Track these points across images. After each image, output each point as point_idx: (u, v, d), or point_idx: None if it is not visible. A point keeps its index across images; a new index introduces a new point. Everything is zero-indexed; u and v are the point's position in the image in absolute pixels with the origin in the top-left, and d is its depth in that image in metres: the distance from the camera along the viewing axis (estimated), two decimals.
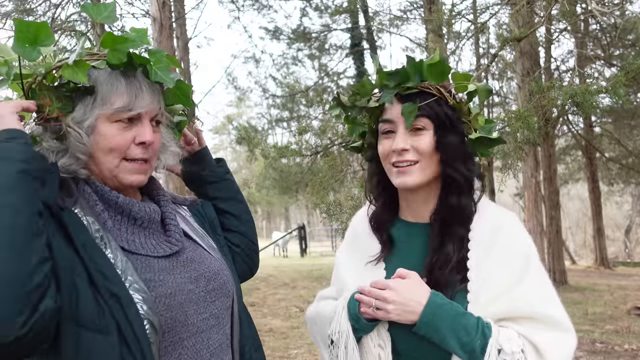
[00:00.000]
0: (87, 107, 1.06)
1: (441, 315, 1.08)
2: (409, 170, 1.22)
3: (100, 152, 1.08)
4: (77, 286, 0.93)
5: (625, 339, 6.08)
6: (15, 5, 8.95)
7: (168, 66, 1.11)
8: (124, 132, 1.08)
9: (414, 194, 1.28)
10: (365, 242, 1.34)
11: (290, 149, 6.27)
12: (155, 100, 1.12)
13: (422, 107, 1.20)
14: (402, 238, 1.30)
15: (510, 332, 1.09)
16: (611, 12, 6.37)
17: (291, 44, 13.50)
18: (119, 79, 1.07)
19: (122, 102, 1.06)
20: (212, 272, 1.17)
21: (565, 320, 1.13)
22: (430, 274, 1.18)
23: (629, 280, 12.44)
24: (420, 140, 1.21)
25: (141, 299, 0.96)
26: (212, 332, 1.12)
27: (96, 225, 1.02)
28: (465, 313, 1.10)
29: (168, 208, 1.21)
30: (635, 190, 20.54)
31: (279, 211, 41.82)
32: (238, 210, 1.47)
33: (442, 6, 6.62)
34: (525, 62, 9.22)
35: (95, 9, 1.09)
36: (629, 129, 14.42)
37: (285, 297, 9.58)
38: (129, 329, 0.93)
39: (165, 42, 7.03)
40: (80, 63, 1.03)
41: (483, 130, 1.23)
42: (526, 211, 10.47)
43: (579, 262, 18.74)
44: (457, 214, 1.21)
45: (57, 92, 1.05)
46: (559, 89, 4.70)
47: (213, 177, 1.46)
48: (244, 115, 26.00)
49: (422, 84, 1.22)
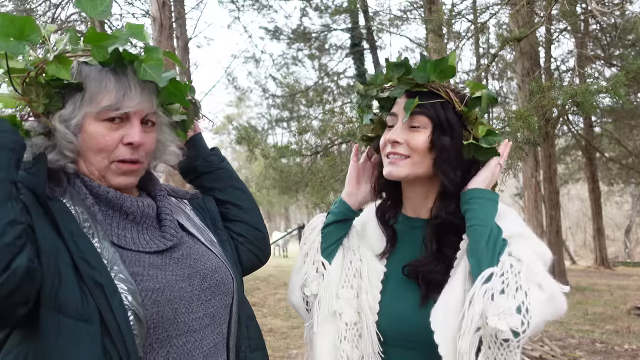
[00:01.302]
0: (76, 104, 1.04)
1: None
2: (399, 162, 1.23)
3: (89, 152, 1.06)
4: (61, 272, 0.92)
5: (625, 339, 6.08)
6: (15, 5, 8.95)
7: (160, 64, 1.06)
8: (112, 131, 1.05)
9: (412, 188, 1.29)
10: (372, 237, 1.35)
11: (290, 149, 6.27)
12: (146, 100, 1.07)
13: (426, 106, 1.20)
14: (404, 232, 1.31)
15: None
16: (611, 12, 6.37)
17: (291, 44, 13.51)
18: (109, 76, 1.04)
19: (109, 101, 1.03)
20: (209, 269, 1.14)
21: (557, 291, 1.10)
22: (424, 275, 1.19)
23: (629, 280, 12.44)
24: (415, 137, 1.21)
25: (126, 289, 0.94)
26: (207, 331, 1.08)
27: (85, 215, 1.00)
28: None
29: (164, 202, 1.19)
30: (635, 190, 20.54)
31: (279, 211, 41.81)
32: (237, 198, 1.42)
33: (442, 6, 6.61)
34: (525, 62, 9.22)
35: (90, 4, 1.06)
36: (629, 129, 14.42)
37: (285, 297, 9.57)
38: (112, 319, 0.91)
39: (165, 42, 7.04)
40: (63, 59, 1.00)
41: (485, 141, 1.22)
42: (526, 211, 10.47)
43: (579, 262, 18.75)
44: (453, 223, 1.21)
45: (48, 88, 1.02)
46: (559, 89, 4.70)
47: (207, 166, 1.41)
48: (244, 115, 26.02)
49: (433, 84, 1.23)
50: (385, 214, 1.34)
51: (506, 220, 1.17)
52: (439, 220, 1.22)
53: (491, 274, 1.05)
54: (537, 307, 1.02)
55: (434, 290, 1.16)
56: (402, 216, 1.34)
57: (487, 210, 1.15)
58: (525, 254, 1.09)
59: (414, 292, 1.20)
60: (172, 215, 1.18)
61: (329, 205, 5.10)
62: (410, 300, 1.19)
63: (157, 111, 1.12)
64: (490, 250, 1.08)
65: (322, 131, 6.40)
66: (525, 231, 1.18)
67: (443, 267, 1.17)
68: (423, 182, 1.26)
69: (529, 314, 1.01)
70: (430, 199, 1.27)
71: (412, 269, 1.21)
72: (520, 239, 1.14)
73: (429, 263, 1.19)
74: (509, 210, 1.25)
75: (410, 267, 1.22)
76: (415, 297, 1.20)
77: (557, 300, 1.08)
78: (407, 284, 1.22)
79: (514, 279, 1.04)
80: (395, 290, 1.24)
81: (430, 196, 1.27)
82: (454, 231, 1.20)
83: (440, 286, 1.14)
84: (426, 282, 1.18)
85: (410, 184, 1.28)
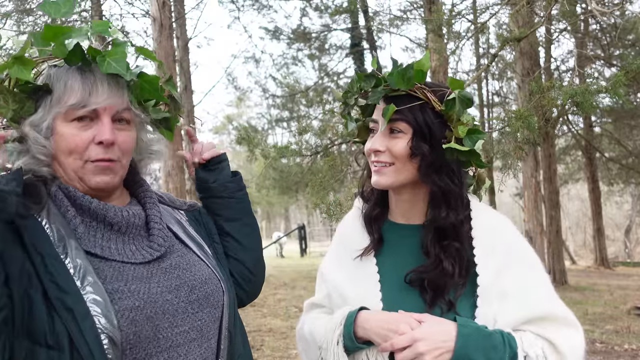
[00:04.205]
0: (46, 108, 1.01)
1: (472, 344, 1.09)
2: (383, 171, 1.22)
3: (61, 154, 1.02)
4: (32, 299, 0.89)
5: (625, 339, 6.08)
6: (15, 5, 8.95)
7: (124, 56, 1.02)
8: (82, 131, 1.01)
9: (400, 195, 1.28)
10: (354, 240, 1.33)
11: (290, 149, 6.27)
12: (116, 96, 1.03)
13: (403, 111, 1.18)
14: (393, 239, 1.29)
15: (529, 336, 1.13)
16: (611, 12, 6.37)
17: (291, 44, 13.51)
18: (74, 75, 1.01)
19: (75, 99, 0.99)
20: (199, 281, 1.09)
21: (572, 316, 1.19)
22: (430, 282, 1.18)
23: (629, 280, 12.44)
24: (396, 144, 1.20)
25: (99, 311, 0.90)
26: (193, 346, 1.04)
27: (61, 232, 0.97)
28: (491, 333, 1.11)
29: (153, 211, 1.14)
30: (635, 190, 20.54)
31: (279, 211, 41.83)
32: (242, 234, 1.34)
33: (442, 6, 6.61)
34: (525, 62, 9.23)
35: (54, 7, 1.02)
36: (629, 129, 14.43)
37: (285, 297, 9.58)
38: (83, 344, 0.87)
39: (165, 42, 7.04)
40: (24, 60, 0.97)
41: (469, 140, 1.18)
42: (526, 211, 10.47)
43: (579, 262, 18.74)
44: (450, 226, 1.20)
45: (17, 94, 1.00)
46: (559, 89, 4.70)
47: (222, 191, 1.34)
48: (244, 115, 26.01)
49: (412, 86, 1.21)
50: (372, 220, 1.32)
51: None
52: (436, 224, 1.21)
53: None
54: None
55: (439, 295, 1.16)
56: (388, 222, 1.32)
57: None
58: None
59: (416, 297, 1.20)
60: (162, 223, 1.14)
61: (328, 205, 5.09)
62: (414, 307, 1.18)
63: (131, 107, 1.08)
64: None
65: (322, 131, 6.41)
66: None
67: (449, 272, 1.17)
68: (412, 188, 1.25)
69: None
70: (420, 204, 1.26)
71: (416, 275, 1.20)
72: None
73: (433, 269, 1.18)
74: (504, 217, 1.27)
75: (413, 274, 1.20)
76: (417, 302, 1.19)
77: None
78: (407, 291, 1.21)
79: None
80: (396, 298, 1.22)
81: (419, 201, 1.26)
82: (453, 234, 1.20)
83: (445, 291, 1.15)
84: (433, 288, 1.17)
85: (398, 191, 1.27)
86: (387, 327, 1.12)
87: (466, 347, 1.08)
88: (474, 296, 1.16)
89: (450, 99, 1.18)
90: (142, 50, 1.12)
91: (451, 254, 1.18)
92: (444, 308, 1.16)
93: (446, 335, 1.09)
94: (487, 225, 1.22)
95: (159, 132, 1.20)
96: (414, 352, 1.08)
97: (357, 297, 1.24)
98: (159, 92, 1.11)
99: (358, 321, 1.18)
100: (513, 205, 20.81)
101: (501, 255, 1.18)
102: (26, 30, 8.77)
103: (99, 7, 8.71)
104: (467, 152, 1.18)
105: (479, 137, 1.19)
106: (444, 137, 1.20)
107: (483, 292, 1.15)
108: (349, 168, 6.01)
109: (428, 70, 1.20)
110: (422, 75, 1.19)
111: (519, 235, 1.26)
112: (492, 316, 1.14)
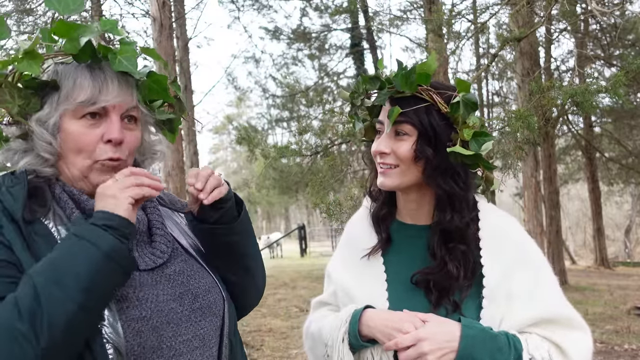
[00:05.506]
0: (53, 104, 1.00)
1: (476, 345, 1.09)
2: (389, 172, 1.23)
3: (69, 152, 1.01)
4: None
5: (625, 339, 6.08)
6: (15, 5, 8.95)
7: (134, 55, 1.01)
8: (91, 129, 1.00)
9: (407, 196, 1.28)
10: (362, 239, 1.33)
11: (290, 149, 6.28)
12: (125, 94, 1.02)
13: (408, 113, 1.18)
14: (401, 239, 1.30)
15: (535, 338, 1.13)
16: (611, 12, 6.37)
17: (291, 44, 13.52)
18: (84, 72, 1.00)
19: (85, 96, 0.98)
20: (202, 289, 1.08)
21: (580, 319, 1.18)
22: (436, 283, 1.18)
23: (629, 280, 12.43)
24: (401, 146, 1.20)
25: (105, 321, 0.89)
26: (196, 354, 1.02)
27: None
28: (496, 335, 1.11)
29: (155, 215, 1.12)
30: (635, 190, 20.54)
31: (279, 211, 41.80)
32: (238, 278, 1.20)
33: (442, 6, 6.62)
34: (525, 62, 9.22)
35: (62, 3, 1.01)
36: (629, 129, 14.43)
37: (285, 297, 9.58)
38: (87, 353, 0.87)
39: (165, 42, 7.04)
40: (34, 54, 0.95)
41: (475, 143, 1.18)
42: (526, 211, 10.47)
43: (579, 262, 18.73)
44: (455, 230, 1.20)
45: (22, 90, 0.99)
46: (559, 88, 4.71)
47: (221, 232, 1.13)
48: (244, 115, 26.06)
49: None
50: (380, 219, 1.33)
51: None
52: (442, 226, 1.21)
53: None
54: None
55: (445, 296, 1.17)
56: (396, 222, 1.33)
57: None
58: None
59: (421, 298, 1.20)
60: (164, 229, 1.12)
61: (328, 205, 5.09)
62: (419, 307, 1.18)
63: (139, 106, 1.07)
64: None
65: (322, 131, 6.41)
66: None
67: (454, 275, 1.17)
68: (418, 189, 1.25)
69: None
70: (427, 205, 1.26)
71: (422, 277, 1.20)
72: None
73: (439, 271, 1.19)
74: (512, 218, 1.27)
75: (420, 275, 1.21)
76: (423, 302, 1.19)
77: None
78: (413, 291, 1.22)
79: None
80: (402, 298, 1.23)
81: (426, 202, 1.27)
82: (459, 237, 1.20)
83: (451, 292, 1.16)
84: (438, 289, 1.18)
85: (405, 192, 1.27)
86: (392, 326, 1.13)
87: (470, 348, 1.08)
88: (480, 297, 1.16)
89: (454, 102, 1.18)
90: (147, 50, 1.11)
91: (456, 257, 1.18)
92: (449, 309, 1.16)
93: (450, 336, 1.09)
94: (495, 226, 1.22)
95: (161, 133, 1.19)
96: (417, 351, 1.08)
97: (363, 296, 1.25)
98: (167, 92, 1.11)
99: (363, 319, 1.18)
100: (513, 205, 20.80)
101: (508, 257, 1.18)
102: (26, 31, 8.77)
103: (99, 7, 8.70)
104: (473, 157, 1.17)
105: (486, 140, 1.18)
106: (450, 139, 1.20)
107: (489, 294, 1.15)
108: (349, 168, 6.02)
109: (432, 73, 1.20)
110: (427, 78, 1.18)
111: (526, 237, 1.26)
112: (498, 318, 1.14)
